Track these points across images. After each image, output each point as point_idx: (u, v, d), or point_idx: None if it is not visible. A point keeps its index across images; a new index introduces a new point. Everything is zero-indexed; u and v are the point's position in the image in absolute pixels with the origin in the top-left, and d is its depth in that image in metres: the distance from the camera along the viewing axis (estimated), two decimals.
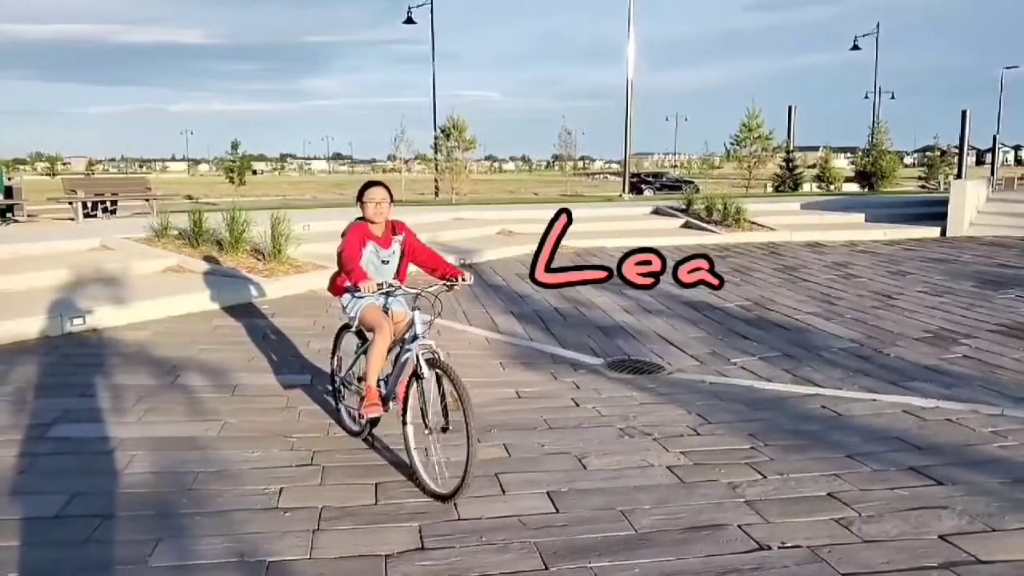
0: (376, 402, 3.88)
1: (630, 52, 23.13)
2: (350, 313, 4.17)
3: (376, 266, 4.08)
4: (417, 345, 3.71)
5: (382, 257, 4.12)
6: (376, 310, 4.03)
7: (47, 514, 3.34)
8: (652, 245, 13.40)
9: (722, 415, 4.96)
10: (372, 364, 3.91)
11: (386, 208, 4.07)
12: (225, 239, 9.25)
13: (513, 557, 3.05)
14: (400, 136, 33.48)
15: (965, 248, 13.19)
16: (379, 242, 4.11)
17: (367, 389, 3.91)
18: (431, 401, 3.63)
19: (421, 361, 3.65)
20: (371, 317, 4.01)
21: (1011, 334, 7.06)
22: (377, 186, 4.11)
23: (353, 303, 4.14)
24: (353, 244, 3.99)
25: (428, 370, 3.63)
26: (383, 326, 3.93)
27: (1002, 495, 3.62)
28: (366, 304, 4.05)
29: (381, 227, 4.12)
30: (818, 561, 3.01)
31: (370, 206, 4.04)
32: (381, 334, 3.91)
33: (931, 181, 33.12)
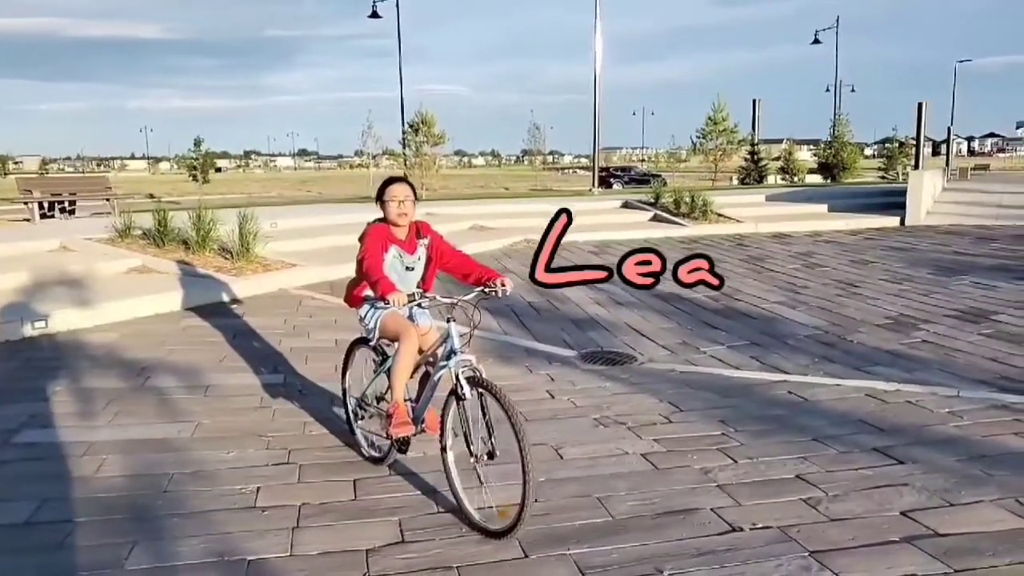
0: (406, 419, 3.44)
1: (597, 47, 23.27)
2: (368, 324, 3.73)
3: (400, 274, 3.60)
4: (455, 362, 3.27)
5: (407, 263, 3.65)
6: (399, 317, 3.58)
7: (16, 521, 3.30)
8: (622, 238, 13.59)
9: (693, 403, 5.07)
10: (398, 376, 3.48)
11: (410, 208, 3.59)
12: (191, 238, 9.14)
13: (494, 547, 3.10)
14: (367, 131, 33.25)
15: (923, 236, 13.54)
16: (403, 246, 3.63)
17: (394, 406, 3.46)
18: (475, 425, 3.19)
19: (461, 380, 3.22)
20: (394, 325, 3.58)
21: (966, 319, 7.30)
22: (400, 183, 3.64)
23: (372, 313, 3.71)
24: (375, 250, 3.51)
25: (470, 389, 3.20)
26: (409, 332, 3.51)
27: (958, 472, 3.77)
28: (387, 312, 3.60)
29: (404, 230, 3.64)
30: (787, 540, 3.11)
31: (392, 206, 3.56)
32: (407, 342, 3.48)
33: (890, 172, 33.77)
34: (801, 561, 2.95)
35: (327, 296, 8.48)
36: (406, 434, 3.48)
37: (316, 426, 4.58)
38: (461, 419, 3.26)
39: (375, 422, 3.89)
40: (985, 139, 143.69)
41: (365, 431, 4.05)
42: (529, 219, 14.91)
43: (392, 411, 3.46)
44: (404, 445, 3.64)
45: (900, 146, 34.89)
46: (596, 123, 23.77)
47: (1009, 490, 3.52)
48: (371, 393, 3.91)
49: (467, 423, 3.23)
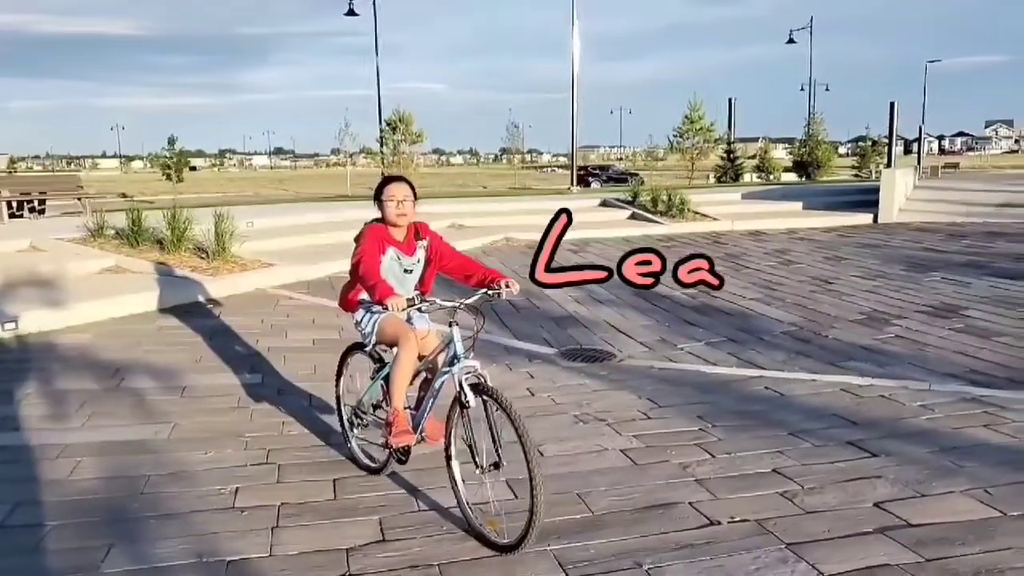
0: (407, 428, 3.32)
1: (575, 45, 23.32)
2: (365, 329, 3.58)
3: (397, 277, 3.47)
4: (459, 368, 3.14)
5: (405, 266, 3.51)
6: (397, 321, 3.43)
7: None
8: (601, 237, 13.66)
9: (671, 399, 5.12)
10: (398, 383, 3.34)
11: (410, 208, 3.45)
12: (166, 238, 9.04)
13: (474, 544, 3.11)
14: (344, 130, 32.98)
15: (895, 233, 13.76)
16: (401, 248, 3.50)
17: (394, 414, 3.33)
18: (480, 434, 3.07)
19: (465, 387, 3.09)
20: (392, 329, 3.43)
21: (937, 314, 7.43)
22: (399, 182, 3.49)
23: (369, 318, 3.56)
24: (372, 252, 3.36)
25: (474, 397, 3.07)
26: (408, 337, 3.37)
27: (930, 464, 3.84)
28: (385, 316, 3.45)
29: (403, 230, 3.50)
30: (764, 533, 3.16)
31: (390, 205, 3.42)
32: (407, 347, 3.35)
33: (864, 170, 34.27)
34: (778, 553, 2.99)
35: (304, 295, 8.43)
36: (407, 443, 3.35)
37: (295, 426, 4.55)
38: (466, 428, 3.13)
39: (372, 431, 3.77)
40: (955, 138, 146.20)
41: (361, 441, 3.90)
42: (508, 217, 14.95)
43: (392, 419, 3.33)
44: (404, 455, 3.52)
45: (873, 144, 35.43)
46: (574, 122, 23.84)
47: (979, 481, 3.60)
48: (367, 401, 3.77)
49: (471, 433, 3.10)
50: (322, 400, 5.02)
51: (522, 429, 2.86)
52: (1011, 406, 4.73)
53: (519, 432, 2.86)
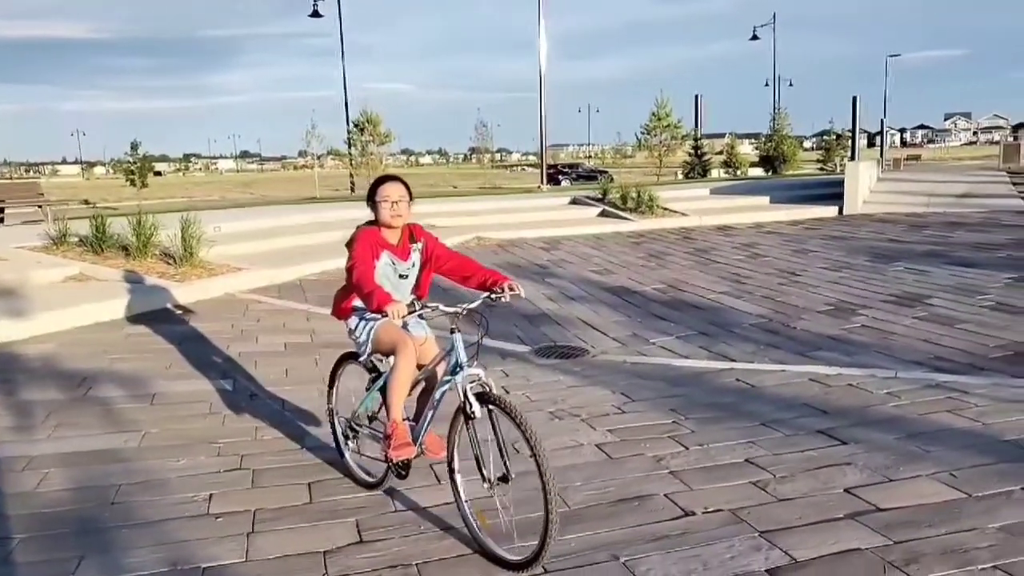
0: (407, 440, 3.15)
1: (541, 44, 23.37)
2: (359, 338, 3.39)
3: (392, 282, 3.31)
4: (463, 377, 2.98)
5: (400, 271, 3.35)
6: (394, 328, 3.23)
7: None
8: (572, 234, 13.72)
9: (645, 393, 5.17)
10: (396, 394, 3.17)
11: (405, 209, 3.30)
12: (132, 244, 8.90)
13: (452, 543, 3.12)
14: (311, 131, 32.76)
15: (860, 225, 14.01)
16: (395, 252, 3.34)
17: (392, 426, 3.16)
18: (485, 445, 2.93)
19: (470, 396, 2.93)
20: (389, 337, 3.26)
21: (901, 303, 7.59)
22: (393, 182, 3.34)
23: (363, 325, 3.37)
24: (366, 257, 3.20)
25: (480, 407, 2.92)
26: (406, 345, 3.20)
27: (897, 449, 3.93)
28: (381, 323, 3.28)
29: (397, 233, 3.35)
30: (738, 522, 3.21)
31: (385, 207, 3.26)
32: (405, 355, 3.18)
33: (828, 163, 34.87)
34: (752, 541, 3.04)
35: (274, 299, 8.36)
36: (407, 457, 3.19)
37: (268, 431, 4.52)
38: (471, 440, 2.95)
39: (368, 444, 3.63)
40: (916, 130, 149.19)
41: (357, 454, 3.75)
42: (479, 217, 14.95)
43: (390, 432, 3.16)
44: (404, 469, 3.37)
45: (837, 138, 36.07)
46: (542, 120, 23.89)
47: (944, 464, 3.69)
48: (362, 413, 3.60)
49: (478, 445, 2.95)
50: (295, 404, 4.99)
51: (534, 440, 2.72)
52: (973, 391, 4.85)
53: (531, 443, 2.72)
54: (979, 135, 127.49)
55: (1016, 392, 4.80)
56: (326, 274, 10.09)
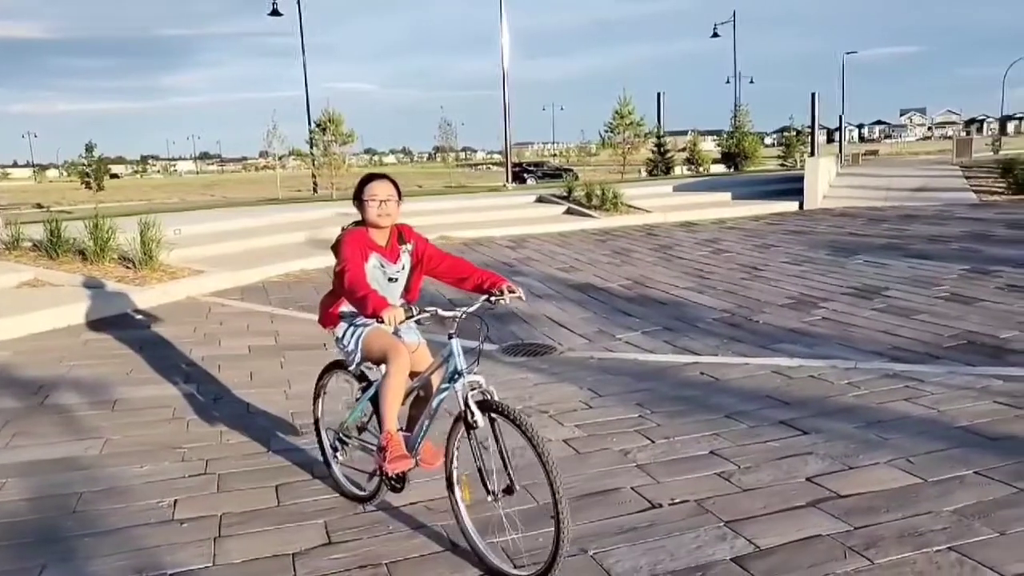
0: (403, 452, 3.00)
1: (504, 42, 23.40)
2: (347, 346, 3.22)
3: (381, 285, 3.14)
4: (462, 384, 2.85)
5: (389, 274, 3.20)
6: (385, 334, 3.12)
7: None
8: (538, 232, 13.76)
9: (611, 388, 5.22)
10: (389, 404, 3.00)
11: (394, 208, 3.14)
12: (89, 248, 8.71)
13: (421, 542, 3.12)
14: (272, 132, 32.30)
15: (820, 220, 14.30)
16: (384, 254, 3.18)
17: (386, 437, 2.99)
18: (490, 457, 2.79)
19: (471, 405, 2.79)
20: (380, 344, 3.11)
21: (860, 295, 7.77)
22: (381, 180, 3.19)
23: (352, 332, 3.20)
24: (355, 259, 3.03)
25: (482, 416, 2.77)
26: (399, 352, 3.04)
27: (856, 438, 4.03)
28: (370, 330, 3.14)
29: (385, 234, 3.20)
30: (704, 513, 3.26)
31: (372, 206, 3.11)
32: (397, 362, 3.02)
33: (789, 159, 35.44)
34: (717, 531, 3.10)
35: (237, 302, 8.26)
36: (404, 469, 3.04)
37: (234, 434, 4.46)
38: (474, 451, 2.80)
39: (359, 456, 3.49)
40: (874, 126, 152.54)
41: (346, 467, 3.58)
42: (445, 216, 14.91)
43: (385, 444, 2.99)
44: (399, 482, 3.21)
45: (797, 134, 36.65)
46: (506, 119, 23.93)
47: (901, 451, 3.80)
48: (351, 424, 3.44)
49: (481, 456, 2.80)
50: (261, 407, 4.94)
51: (542, 448, 2.58)
52: (929, 380, 4.99)
53: (539, 452, 2.58)
54: (933, 130, 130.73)
55: (969, 380, 4.95)
56: (290, 275, 10.00)
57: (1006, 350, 5.61)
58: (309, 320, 7.58)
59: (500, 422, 2.74)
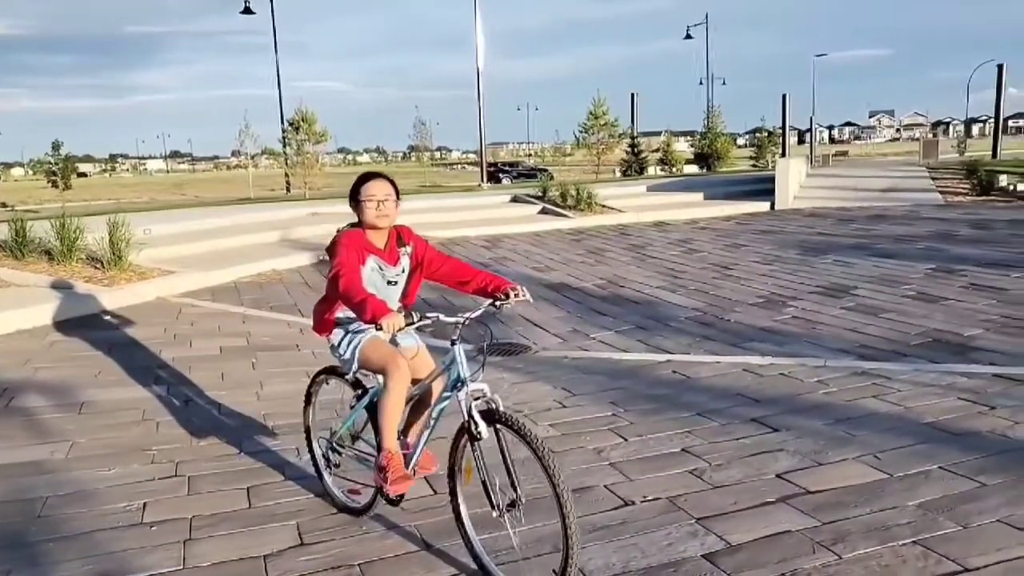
0: (404, 472, 2.88)
1: (479, 41, 23.39)
2: (343, 355, 3.06)
3: (379, 289, 3.00)
4: (466, 393, 2.71)
5: (388, 276, 3.06)
6: (383, 344, 2.99)
7: None
8: (513, 232, 13.78)
9: (585, 387, 5.24)
10: (388, 420, 2.88)
11: (392, 209, 3.01)
12: (56, 248, 8.55)
13: (394, 542, 3.11)
14: (245, 131, 31.98)
15: (790, 220, 14.48)
16: (383, 256, 3.04)
17: (386, 457, 2.86)
18: (495, 469, 2.65)
19: (475, 415, 2.65)
20: (378, 354, 2.95)
21: (829, 294, 7.89)
22: (379, 179, 3.07)
23: (347, 340, 3.05)
24: (352, 262, 2.87)
25: (486, 427, 2.64)
26: (399, 366, 2.88)
27: (826, 434, 4.10)
28: (368, 339, 3.00)
29: (383, 236, 3.06)
30: (676, 510, 3.29)
31: (370, 207, 2.97)
32: (397, 376, 2.87)
33: (761, 160, 35.86)
34: (689, 528, 3.13)
35: (208, 303, 8.16)
36: (405, 490, 2.93)
37: (205, 436, 4.41)
38: (478, 464, 2.68)
39: (353, 466, 3.37)
40: (844, 127, 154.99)
41: (340, 477, 3.42)
42: (420, 215, 14.85)
43: (385, 463, 2.86)
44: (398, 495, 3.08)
45: (769, 135, 37.10)
46: (481, 118, 23.92)
47: (869, 447, 3.86)
48: (346, 433, 3.30)
49: (485, 469, 2.67)
50: (232, 408, 4.89)
51: (550, 462, 2.46)
52: (896, 377, 5.08)
53: (547, 467, 2.46)
54: (902, 132, 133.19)
55: (935, 377, 5.05)
56: (262, 276, 9.91)
57: (970, 348, 5.73)
58: (281, 321, 7.52)
59: (506, 433, 2.60)
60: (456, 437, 2.80)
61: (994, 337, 5.93)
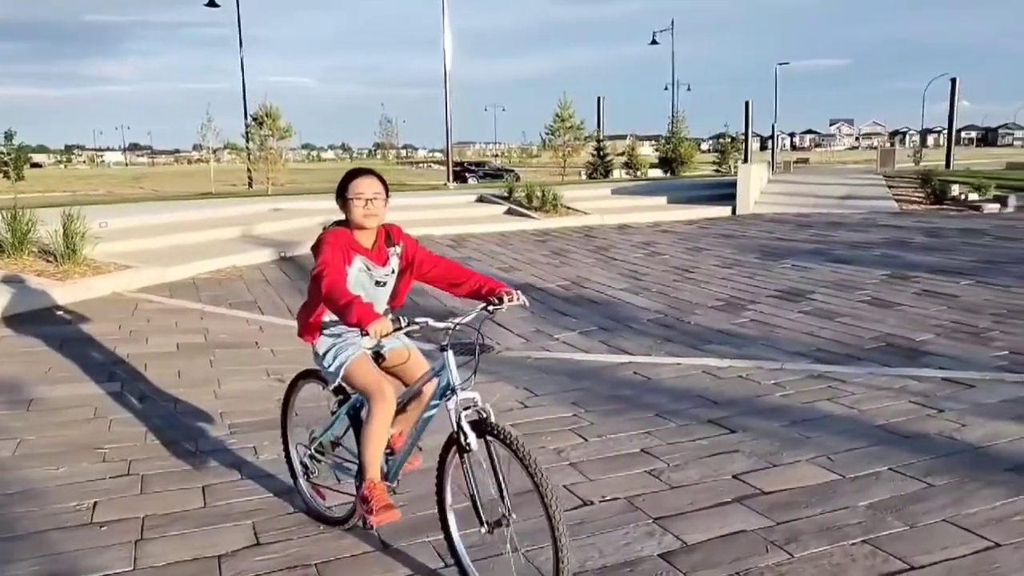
0: (388, 502, 2.74)
1: (446, 41, 23.32)
2: (328, 367, 2.90)
3: (367, 291, 2.87)
4: (456, 402, 2.59)
5: (376, 277, 2.91)
6: (370, 367, 2.85)
7: None
8: (478, 232, 13.77)
9: (547, 387, 5.27)
10: (372, 448, 2.76)
11: (381, 207, 2.86)
12: (6, 241, 8.30)
13: (352, 542, 3.08)
14: (207, 124, 31.40)
15: (751, 225, 14.72)
16: (371, 256, 2.89)
17: (369, 487, 2.75)
18: (484, 483, 2.56)
19: (464, 426, 2.55)
20: (363, 380, 2.82)
21: (786, 298, 8.04)
22: (367, 176, 2.91)
23: (332, 354, 2.89)
24: (336, 262, 2.72)
25: (476, 439, 2.53)
26: (384, 394, 2.76)
27: (781, 436, 4.18)
28: (355, 361, 2.84)
29: (371, 235, 2.91)
30: (634, 510, 3.33)
31: (358, 205, 2.82)
32: (382, 405, 2.74)
33: (724, 166, 36.36)
34: (646, 528, 3.16)
35: (166, 298, 8.00)
36: (391, 522, 2.77)
37: (159, 434, 4.33)
38: (467, 478, 2.57)
39: (333, 475, 3.22)
40: (805, 135, 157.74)
41: (315, 486, 3.27)
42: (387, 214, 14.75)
43: (367, 494, 2.74)
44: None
45: (732, 141, 37.64)
46: (448, 118, 23.86)
47: (823, 449, 3.95)
48: (326, 439, 3.16)
49: (474, 483, 2.56)
50: (189, 405, 4.80)
51: (540, 477, 2.39)
52: (851, 380, 5.20)
53: (537, 481, 2.38)
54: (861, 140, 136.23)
55: (887, 380, 5.18)
56: (222, 272, 9.75)
57: (921, 352, 5.89)
58: (240, 318, 7.41)
59: (496, 446, 2.50)
60: (445, 448, 2.67)
61: (944, 342, 6.11)
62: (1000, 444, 3.95)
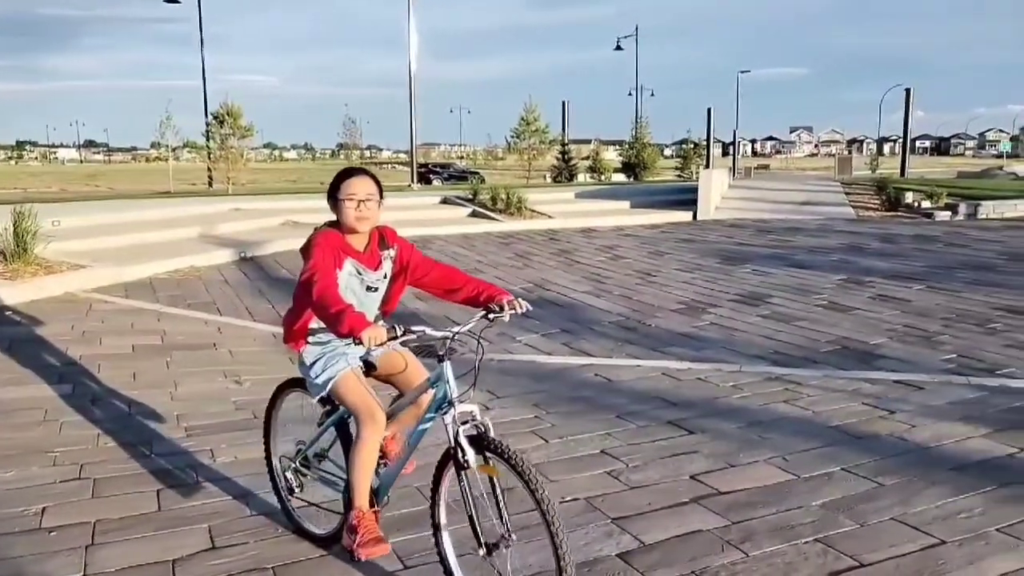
0: (377, 535, 2.61)
1: (412, 42, 23.23)
2: (314, 379, 2.75)
3: (359, 296, 2.73)
4: (453, 416, 2.47)
5: (368, 282, 2.76)
6: (360, 386, 2.70)
7: None
8: (442, 233, 13.75)
9: (510, 389, 5.28)
10: (361, 473, 2.63)
11: (374, 209, 2.70)
12: None
13: (309, 545, 3.04)
14: (166, 122, 30.77)
15: (711, 230, 14.95)
16: (362, 260, 2.74)
17: (357, 516, 2.62)
18: (482, 502, 2.44)
19: (462, 441, 2.42)
20: (354, 399, 2.68)
21: (746, 302, 8.18)
22: (360, 176, 2.75)
23: (323, 365, 2.74)
24: (327, 267, 2.56)
25: (474, 455, 2.42)
26: (373, 416, 2.64)
27: (738, 437, 4.25)
28: (343, 377, 2.70)
29: (364, 238, 2.75)
30: (593, 510, 3.36)
31: (350, 207, 2.66)
32: (372, 428, 2.63)
33: (686, 171, 36.86)
34: (605, 528, 3.19)
35: (121, 299, 7.83)
36: (379, 555, 2.63)
37: (113, 437, 4.23)
38: (465, 497, 2.45)
39: (318, 489, 3.06)
40: (766, 141, 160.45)
41: (302, 501, 3.12)
42: None
43: (356, 523, 2.61)
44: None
45: (694, 147, 38.19)
46: (412, 119, 23.77)
47: (779, 450, 4.03)
48: (311, 452, 3.04)
49: (472, 502, 2.44)
50: (144, 407, 4.71)
51: (543, 495, 2.28)
52: (807, 382, 5.31)
53: (540, 501, 2.27)
54: (820, 148, 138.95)
55: (842, 383, 5.30)
56: (180, 272, 9.57)
57: (875, 355, 6.04)
58: (198, 319, 7.29)
59: (496, 463, 2.38)
60: (441, 464, 2.56)
61: (897, 345, 6.28)
62: (947, 444, 4.08)
